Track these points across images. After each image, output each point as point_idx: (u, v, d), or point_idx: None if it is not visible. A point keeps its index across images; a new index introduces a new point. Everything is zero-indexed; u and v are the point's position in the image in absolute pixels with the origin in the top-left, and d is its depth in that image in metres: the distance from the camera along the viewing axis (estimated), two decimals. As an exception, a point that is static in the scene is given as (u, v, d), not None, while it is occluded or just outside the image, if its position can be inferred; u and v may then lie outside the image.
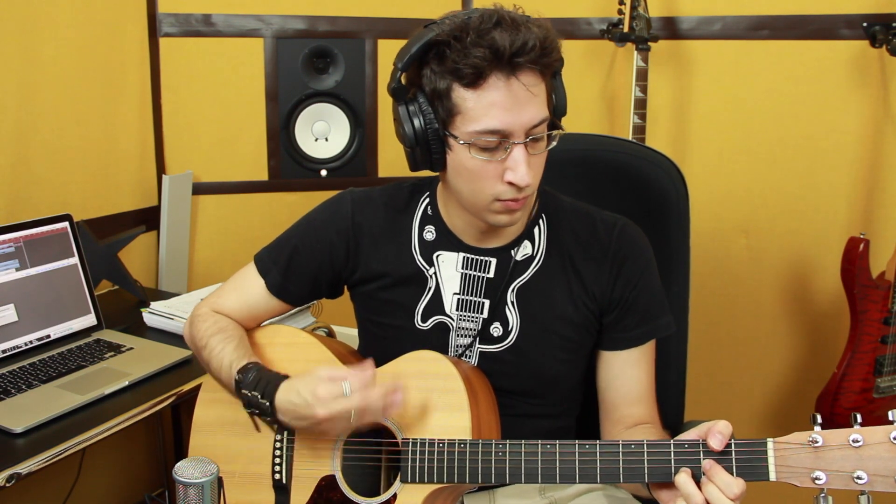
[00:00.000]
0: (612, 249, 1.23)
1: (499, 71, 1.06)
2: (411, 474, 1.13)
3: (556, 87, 1.16)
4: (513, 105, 1.07)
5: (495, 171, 1.11)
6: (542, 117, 1.10)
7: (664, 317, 1.27)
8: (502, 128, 1.08)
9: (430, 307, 1.26)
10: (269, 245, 1.35)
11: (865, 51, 2.14)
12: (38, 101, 1.98)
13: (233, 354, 1.23)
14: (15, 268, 1.70)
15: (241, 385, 1.18)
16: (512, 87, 1.07)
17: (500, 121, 1.08)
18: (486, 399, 1.21)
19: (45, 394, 1.52)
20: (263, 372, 1.19)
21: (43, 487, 1.98)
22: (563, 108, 1.17)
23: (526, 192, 1.12)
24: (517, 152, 1.09)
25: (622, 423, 1.26)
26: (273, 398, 1.15)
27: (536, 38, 1.05)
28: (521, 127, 1.08)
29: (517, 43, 1.04)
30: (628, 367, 1.26)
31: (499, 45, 1.04)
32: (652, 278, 1.26)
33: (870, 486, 0.92)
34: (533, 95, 1.08)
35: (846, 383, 2.09)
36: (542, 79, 1.10)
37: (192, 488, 1.02)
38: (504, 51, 1.04)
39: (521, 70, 1.06)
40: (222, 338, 1.27)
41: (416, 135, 1.13)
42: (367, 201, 1.30)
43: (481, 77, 1.06)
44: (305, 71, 2.42)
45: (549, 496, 1.28)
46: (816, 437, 0.95)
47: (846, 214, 2.25)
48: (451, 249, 1.26)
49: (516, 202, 1.13)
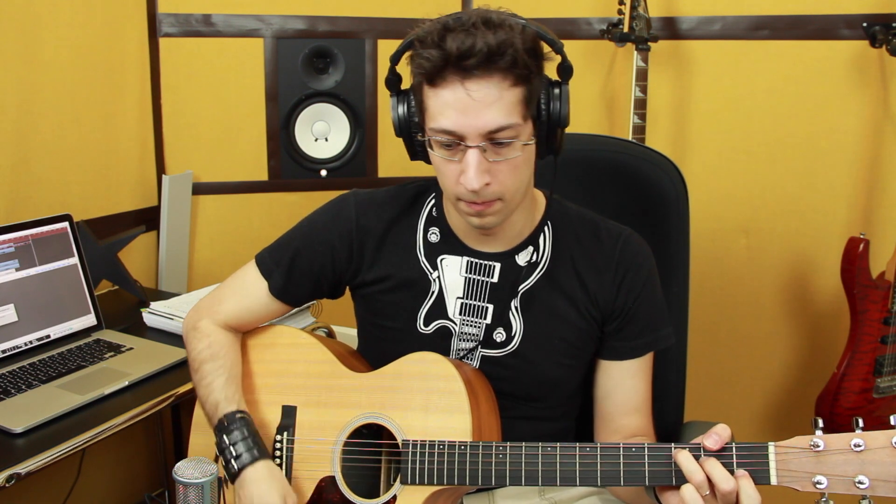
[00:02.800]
0: (615, 259, 1.24)
1: (454, 73, 1.06)
2: (411, 476, 1.13)
3: (553, 96, 1.12)
4: (466, 108, 1.06)
5: (455, 171, 1.12)
6: (502, 124, 1.07)
7: (665, 329, 1.28)
8: (454, 129, 1.08)
9: (432, 311, 1.26)
10: (271, 246, 1.34)
11: (865, 51, 2.14)
12: (38, 101, 1.98)
13: (220, 393, 1.23)
14: (15, 268, 1.70)
15: (223, 432, 1.19)
16: (468, 90, 1.06)
17: (453, 122, 1.08)
18: (486, 401, 1.20)
19: (45, 394, 1.52)
20: (249, 432, 1.19)
21: (43, 487, 1.98)
22: (558, 118, 1.12)
23: (484, 195, 1.11)
24: (469, 155, 1.09)
25: (619, 433, 1.26)
26: (244, 468, 1.16)
27: (486, 43, 1.03)
28: (474, 130, 1.07)
29: (464, 47, 1.04)
30: (628, 378, 1.26)
31: (447, 48, 1.05)
32: (654, 290, 1.26)
33: (872, 490, 0.92)
34: (490, 102, 1.06)
35: (846, 383, 2.09)
36: (510, 85, 1.07)
37: (191, 488, 1.02)
38: (451, 54, 1.05)
39: (476, 74, 1.05)
40: (212, 367, 1.27)
41: (400, 125, 1.17)
42: (371, 203, 1.30)
43: (439, 77, 1.07)
44: (305, 71, 2.42)
45: (549, 498, 1.28)
46: (818, 441, 0.95)
47: (846, 214, 2.25)
48: (455, 253, 1.26)
49: (476, 205, 1.13)
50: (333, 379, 1.25)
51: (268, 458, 1.19)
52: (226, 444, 1.18)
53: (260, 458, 1.17)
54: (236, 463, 1.16)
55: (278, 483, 1.16)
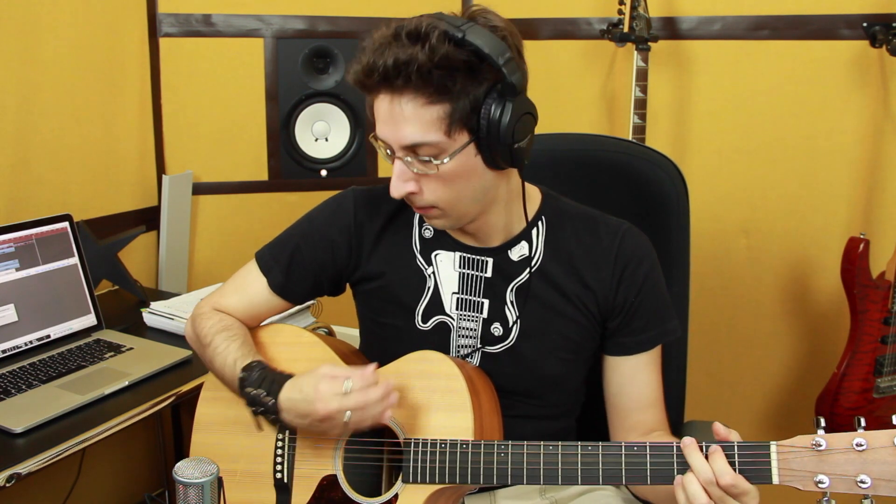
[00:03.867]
0: (614, 254, 1.23)
1: (379, 86, 1.08)
2: (413, 474, 1.13)
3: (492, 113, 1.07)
4: (388, 119, 1.09)
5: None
6: (418, 141, 1.07)
7: (671, 321, 1.27)
8: (382, 137, 1.11)
9: (430, 307, 1.26)
10: (271, 243, 1.35)
11: (865, 51, 2.14)
12: (38, 101, 1.98)
13: (237, 352, 1.23)
14: (15, 268, 1.70)
15: (245, 383, 1.18)
16: (390, 103, 1.08)
17: (381, 131, 1.11)
18: (488, 400, 1.20)
19: (45, 394, 1.52)
20: (268, 370, 1.19)
21: (43, 487, 1.98)
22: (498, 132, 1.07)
23: (416, 203, 1.15)
24: (396, 165, 1.13)
25: (636, 429, 1.26)
26: (277, 396, 1.15)
27: (385, 63, 1.04)
28: (395, 142, 1.10)
29: (368, 64, 1.06)
30: (638, 372, 1.26)
31: (364, 62, 1.07)
32: (657, 282, 1.26)
33: (873, 490, 0.92)
34: (405, 117, 1.07)
35: (846, 383, 2.09)
36: (428, 102, 1.05)
37: (192, 488, 1.02)
38: (363, 69, 1.07)
39: (391, 89, 1.07)
40: (226, 336, 1.27)
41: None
42: (370, 199, 1.30)
43: (368, 88, 1.09)
44: (305, 71, 2.42)
45: (550, 497, 1.27)
46: (820, 440, 0.95)
47: (846, 214, 2.25)
48: (448, 248, 1.27)
49: (417, 208, 1.17)
50: (335, 378, 1.25)
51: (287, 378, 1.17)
52: (251, 393, 1.17)
53: (284, 380, 1.16)
54: (269, 398, 1.15)
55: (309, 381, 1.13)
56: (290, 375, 1.18)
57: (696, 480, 0.98)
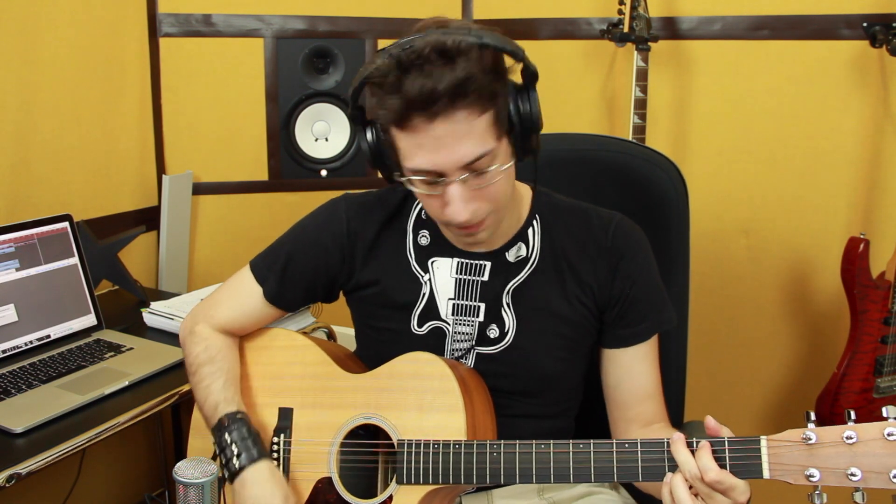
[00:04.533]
0: (608, 246, 1.23)
1: (419, 114, 1.02)
2: (406, 475, 1.14)
3: (520, 103, 1.08)
4: (439, 146, 1.04)
5: (439, 203, 1.10)
6: (479, 153, 1.05)
7: (667, 310, 1.27)
8: (431, 168, 1.06)
9: (425, 312, 1.26)
10: (264, 252, 1.35)
11: (865, 51, 2.13)
12: (38, 101, 1.98)
13: (219, 395, 1.24)
14: (15, 268, 1.70)
15: (223, 431, 1.19)
16: (436, 129, 1.03)
17: (429, 161, 1.06)
18: (481, 400, 1.21)
19: (45, 394, 1.52)
20: (250, 432, 1.19)
21: (43, 487, 1.99)
22: (530, 122, 1.09)
23: (475, 220, 1.11)
24: (451, 190, 1.08)
25: (636, 421, 1.26)
26: (245, 467, 1.16)
27: (450, 81, 1.00)
28: (452, 165, 1.05)
29: (426, 89, 1.00)
30: (636, 364, 1.26)
31: (409, 93, 1.01)
32: (651, 272, 1.26)
33: (864, 482, 0.92)
34: (462, 135, 1.04)
35: (846, 383, 2.09)
36: (478, 112, 1.04)
37: (192, 488, 1.02)
38: (414, 99, 1.01)
39: (442, 112, 1.02)
40: (210, 370, 1.27)
41: (374, 158, 1.13)
42: (362, 206, 1.30)
43: (404, 120, 1.04)
44: (305, 71, 2.42)
45: (548, 497, 1.27)
46: (810, 434, 0.95)
47: (846, 214, 2.25)
48: (446, 255, 1.26)
49: (468, 228, 1.13)
50: (329, 380, 1.25)
51: (267, 458, 1.19)
52: (226, 443, 1.18)
53: (260, 458, 1.17)
54: (237, 462, 1.16)
55: (279, 483, 1.17)
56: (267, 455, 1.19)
57: (682, 478, 0.98)
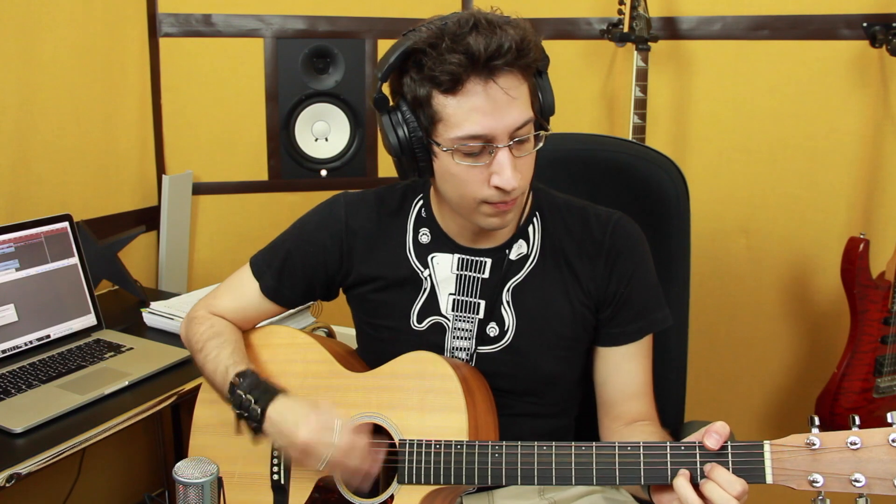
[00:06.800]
0: (606, 244, 1.23)
1: (476, 76, 1.05)
2: (408, 475, 1.14)
3: (542, 87, 1.14)
4: (493, 109, 1.06)
5: (481, 176, 1.10)
6: (526, 119, 1.09)
7: (661, 311, 1.27)
8: (484, 132, 1.07)
9: (425, 308, 1.26)
10: (264, 248, 1.36)
11: (865, 51, 2.13)
12: (38, 101, 1.98)
13: (228, 360, 1.24)
14: (15, 268, 1.70)
15: (236, 387, 1.18)
16: (491, 91, 1.05)
17: (482, 125, 1.07)
18: (483, 400, 1.20)
19: (45, 394, 1.52)
20: (260, 379, 1.19)
21: (43, 487, 1.99)
22: (550, 107, 1.14)
23: (514, 193, 1.11)
24: (502, 156, 1.08)
25: (620, 419, 1.26)
26: (266, 406, 1.15)
27: (512, 39, 1.04)
28: (503, 130, 1.07)
29: (492, 46, 1.03)
30: (625, 363, 1.26)
31: (474, 49, 1.03)
32: (647, 272, 1.26)
33: (868, 489, 0.91)
34: (514, 98, 1.07)
35: (846, 383, 2.09)
36: (523, 80, 1.09)
37: (192, 488, 1.02)
38: (479, 55, 1.03)
39: (499, 73, 1.05)
40: (218, 342, 1.27)
41: (401, 144, 1.12)
42: (361, 204, 1.30)
43: (459, 83, 1.05)
44: (305, 71, 2.42)
45: (549, 497, 1.27)
46: (814, 439, 0.94)
47: (846, 214, 2.25)
48: (446, 251, 1.26)
49: (505, 204, 1.13)
50: (331, 379, 1.25)
51: (283, 393, 1.17)
52: (241, 398, 1.16)
53: (276, 394, 1.16)
54: (257, 408, 1.14)
55: (303, 405, 1.14)
56: (282, 390, 1.18)
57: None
